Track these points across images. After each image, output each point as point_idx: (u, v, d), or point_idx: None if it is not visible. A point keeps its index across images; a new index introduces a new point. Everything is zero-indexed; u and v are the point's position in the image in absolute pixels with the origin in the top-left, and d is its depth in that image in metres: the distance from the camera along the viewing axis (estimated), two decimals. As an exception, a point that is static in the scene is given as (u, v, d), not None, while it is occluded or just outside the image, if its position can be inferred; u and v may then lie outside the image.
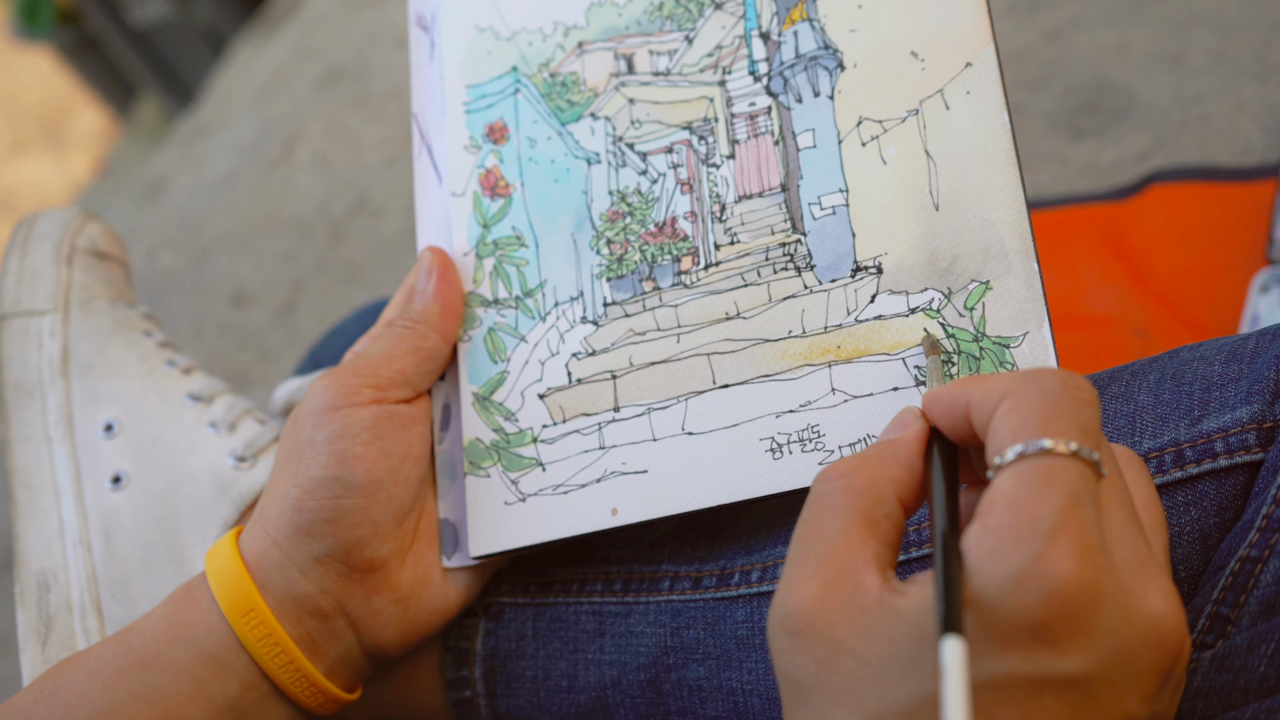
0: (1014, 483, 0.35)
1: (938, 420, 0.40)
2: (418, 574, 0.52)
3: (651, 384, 0.52)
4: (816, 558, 0.37)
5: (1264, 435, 0.44)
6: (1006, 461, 0.35)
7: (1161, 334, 0.85)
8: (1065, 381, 0.37)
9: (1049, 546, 0.33)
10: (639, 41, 0.56)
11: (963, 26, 0.51)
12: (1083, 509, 0.34)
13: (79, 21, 2.18)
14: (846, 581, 0.36)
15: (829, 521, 0.38)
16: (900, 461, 0.39)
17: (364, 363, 0.52)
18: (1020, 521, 0.34)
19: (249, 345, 1.27)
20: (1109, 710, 0.34)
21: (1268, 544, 0.42)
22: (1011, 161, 0.49)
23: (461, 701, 0.56)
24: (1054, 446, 0.35)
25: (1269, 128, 0.95)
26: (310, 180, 1.41)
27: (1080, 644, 0.33)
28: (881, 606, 0.35)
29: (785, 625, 0.36)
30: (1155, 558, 0.36)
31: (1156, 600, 0.34)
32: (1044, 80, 1.07)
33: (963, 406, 0.39)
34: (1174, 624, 0.35)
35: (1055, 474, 0.34)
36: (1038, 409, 0.36)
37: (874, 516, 0.38)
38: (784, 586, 0.37)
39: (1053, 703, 0.33)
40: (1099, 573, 0.33)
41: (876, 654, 0.35)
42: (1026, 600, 0.33)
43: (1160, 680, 0.35)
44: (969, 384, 0.39)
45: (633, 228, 0.54)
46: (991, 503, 0.35)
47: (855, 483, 0.38)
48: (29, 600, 0.55)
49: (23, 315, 0.60)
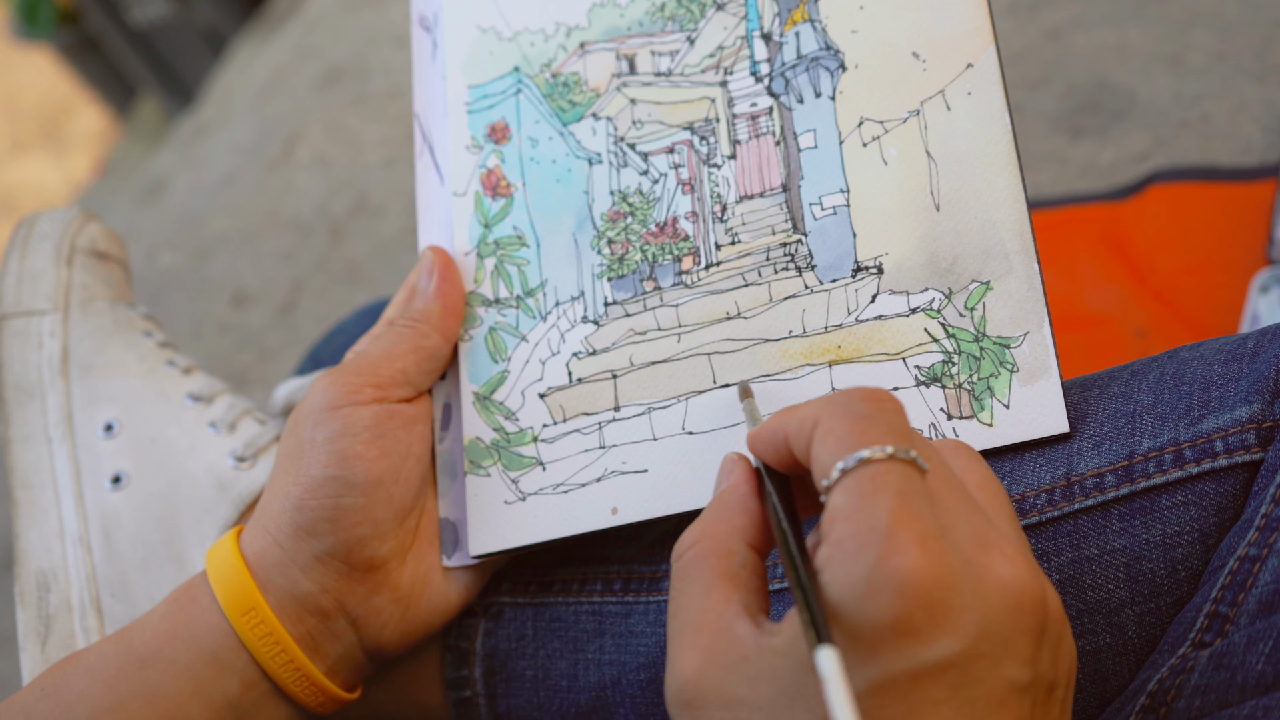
0: (844, 497, 0.36)
1: (764, 456, 0.42)
2: (418, 573, 0.52)
3: (652, 383, 0.52)
4: (690, 628, 0.38)
5: (1263, 435, 0.45)
6: (833, 480, 0.37)
7: (1161, 334, 0.85)
8: (869, 396, 0.39)
9: (889, 544, 0.34)
10: (641, 42, 0.56)
11: (964, 28, 0.51)
12: (912, 503, 0.35)
13: (79, 21, 2.18)
14: (722, 640, 0.38)
15: (692, 592, 0.39)
16: (737, 510, 0.41)
17: (365, 362, 0.52)
18: (858, 530, 0.35)
19: (249, 345, 1.27)
20: (989, 683, 0.35)
21: (1266, 543, 0.42)
22: (1012, 162, 0.49)
23: (461, 701, 0.56)
24: (871, 455, 0.36)
25: (1269, 128, 0.95)
26: (310, 180, 1.41)
27: (943, 628, 0.34)
28: (759, 650, 0.37)
29: (679, 699, 0.38)
30: (996, 528, 0.37)
31: (1002, 567, 0.36)
32: (1044, 80, 1.07)
33: (782, 439, 0.40)
34: (1025, 583, 0.36)
35: (879, 478, 0.36)
36: (849, 426, 0.38)
37: (731, 570, 0.39)
38: (669, 664, 0.39)
39: (933, 690, 0.34)
40: (942, 557, 0.35)
41: (765, 695, 0.36)
42: (881, 600, 0.34)
43: (1032, 641, 0.36)
44: (783, 416, 0.41)
45: (634, 228, 0.55)
46: (830, 521, 0.36)
47: (705, 546, 0.40)
48: (29, 600, 0.55)
49: (23, 315, 0.60)
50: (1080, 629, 0.45)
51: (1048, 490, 0.47)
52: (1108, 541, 0.45)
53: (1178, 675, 0.42)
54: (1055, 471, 0.47)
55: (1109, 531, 0.46)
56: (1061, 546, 0.46)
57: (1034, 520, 0.47)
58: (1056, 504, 0.46)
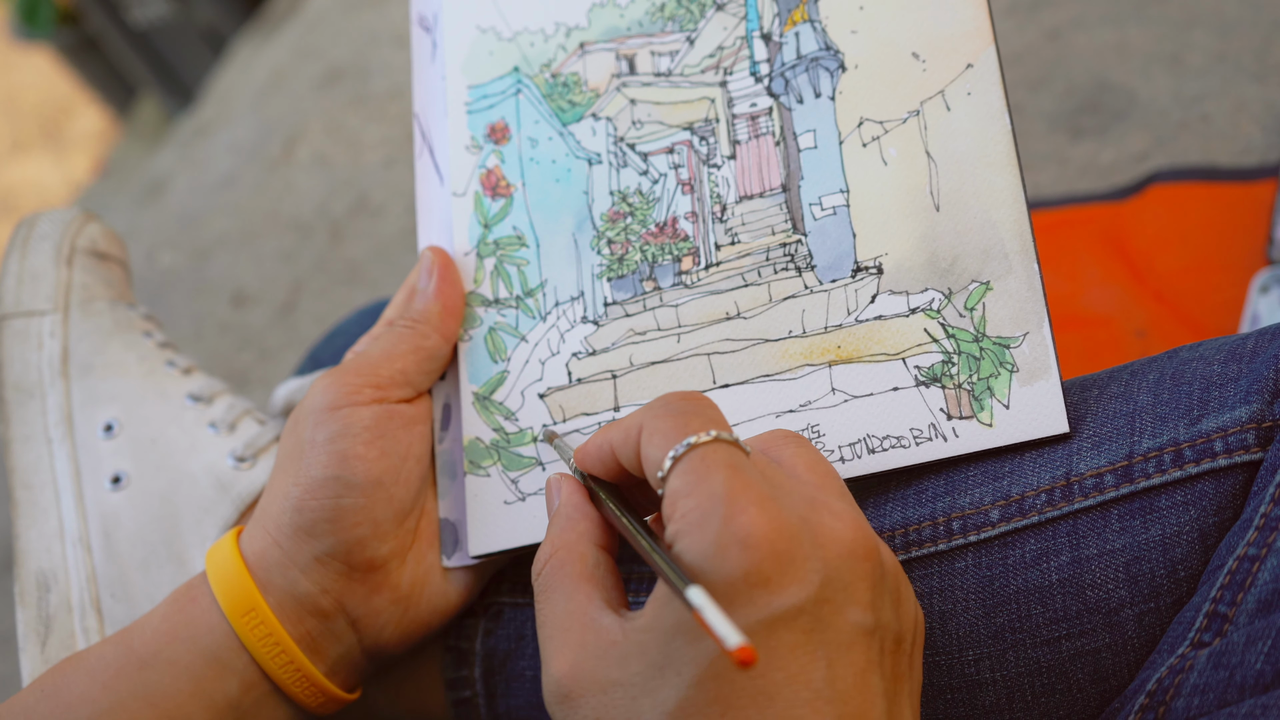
0: (681, 479, 0.39)
1: (594, 469, 0.45)
2: (418, 573, 0.52)
3: (652, 384, 0.52)
4: (558, 631, 0.41)
5: (1263, 435, 0.45)
6: (667, 470, 0.40)
7: (1161, 334, 0.85)
8: (685, 396, 0.42)
9: (730, 508, 0.37)
10: (640, 42, 0.56)
11: (964, 28, 0.51)
12: (745, 473, 0.39)
13: (79, 21, 2.18)
14: (589, 634, 0.40)
15: (555, 599, 0.42)
16: (578, 518, 0.44)
17: (365, 362, 0.52)
18: (700, 501, 0.38)
19: (249, 345, 1.27)
20: (837, 626, 0.37)
21: (1265, 542, 0.42)
22: (1012, 162, 0.49)
23: (461, 701, 0.56)
24: (697, 440, 0.40)
25: (1269, 128, 0.95)
26: (310, 180, 1.41)
27: (789, 576, 0.37)
28: (625, 633, 0.39)
29: (555, 695, 0.40)
30: (820, 496, 0.40)
31: (832, 522, 0.39)
32: (1044, 80, 1.07)
33: (609, 451, 0.44)
34: (857, 533, 0.39)
35: (709, 456, 0.39)
36: (671, 423, 0.41)
37: (587, 572, 0.42)
38: (544, 671, 0.41)
39: (789, 636, 0.37)
40: (780, 513, 0.38)
41: (636, 672, 0.39)
42: (730, 556, 0.37)
43: (870, 587, 0.39)
44: (607, 431, 0.44)
45: (633, 228, 0.55)
46: (672, 503, 0.39)
47: (560, 557, 0.43)
48: (29, 600, 0.55)
49: (23, 315, 0.60)
50: (1080, 629, 0.46)
51: (1047, 490, 0.47)
52: (1107, 541, 0.45)
53: (1177, 675, 0.42)
54: (1055, 471, 0.47)
55: (1108, 531, 0.46)
56: (1061, 546, 0.46)
57: (1034, 520, 0.47)
58: (1056, 504, 0.46)
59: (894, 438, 0.49)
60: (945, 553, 0.47)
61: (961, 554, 0.47)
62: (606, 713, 0.39)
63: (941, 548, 0.47)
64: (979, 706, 0.47)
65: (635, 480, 0.45)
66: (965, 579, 0.47)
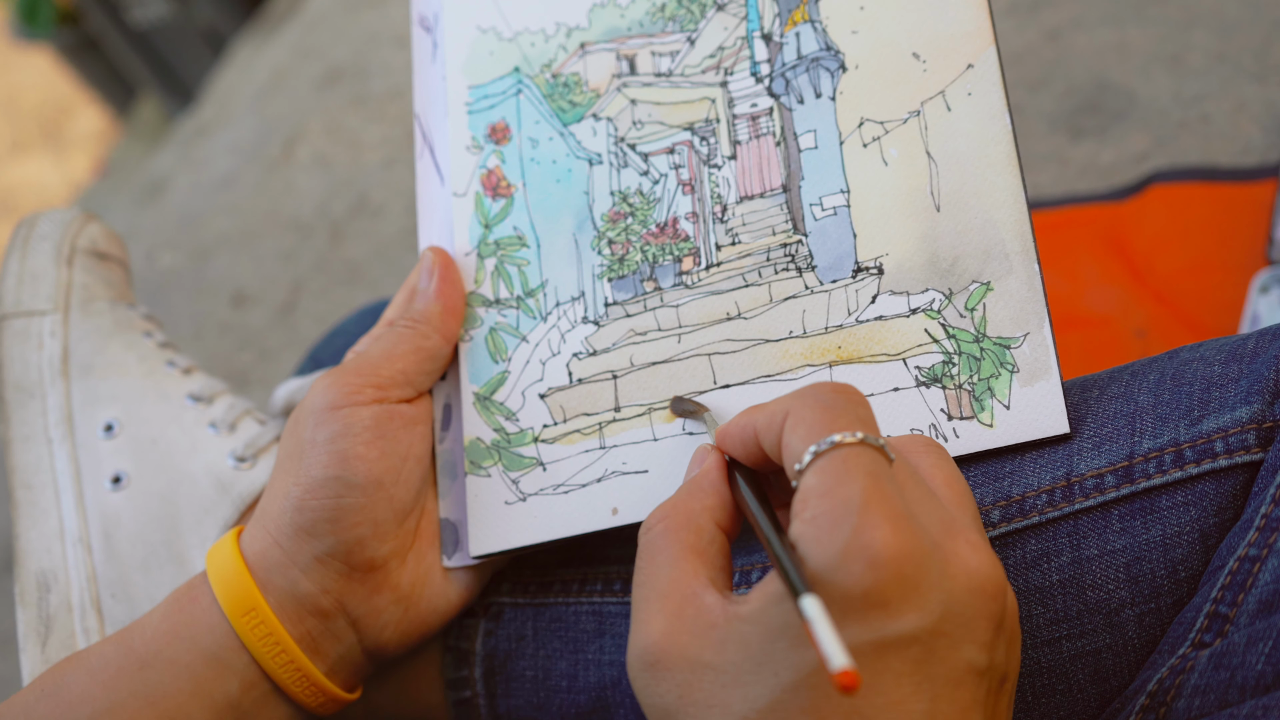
0: (818, 478, 0.38)
1: (733, 451, 0.44)
2: (418, 573, 0.52)
3: (652, 384, 0.52)
4: (657, 594, 0.40)
5: (1263, 435, 0.45)
6: (805, 464, 0.38)
7: (1161, 334, 0.85)
8: (837, 389, 0.40)
9: (863, 519, 0.36)
10: (641, 42, 0.56)
11: (964, 28, 0.51)
12: (884, 484, 0.37)
13: (79, 21, 2.17)
14: (689, 607, 0.39)
15: (660, 562, 0.40)
16: (709, 491, 0.43)
17: (365, 362, 0.52)
18: (833, 506, 0.36)
19: (249, 345, 1.27)
20: (950, 662, 0.36)
21: (1266, 543, 0.42)
22: (1012, 162, 0.49)
23: (461, 701, 0.56)
24: (843, 439, 0.38)
25: (1269, 128, 0.95)
26: (310, 180, 1.41)
27: (910, 602, 0.35)
28: (727, 618, 0.38)
29: (642, 660, 0.39)
30: (959, 522, 0.38)
31: (968, 553, 0.37)
32: (1044, 80, 1.07)
33: (751, 434, 0.42)
34: (990, 570, 0.37)
35: (851, 460, 0.37)
36: (819, 415, 0.39)
37: (699, 546, 0.41)
38: (634, 629, 0.40)
39: (897, 663, 0.35)
40: (914, 535, 0.36)
41: (732, 660, 0.37)
42: (854, 570, 0.35)
43: (992, 628, 0.37)
44: (752, 413, 0.42)
45: (634, 228, 0.55)
46: (804, 500, 0.38)
47: (675, 521, 0.41)
48: (29, 600, 0.55)
49: (23, 315, 0.60)
50: (1080, 629, 0.45)
51: (1048, 490, 0.47)
52: (1108, 542, 0.45)
53: (1177, 675, 0.42)
54: (1055, 472, 0.47)
55: (1109, 532, 0.46)
56: (1061, 547, 0.46)
57: (1034, 520, 0.47)
58: (1056, 504, 0.46)
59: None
60: (946, 553, 0.47)
61: (962, 554, 0.47)
62: (691, 693, 0.38)
63: (942, 548, 0.47)
64: (979, 707, 0.47)
65: (772, 468, 0.44)
66: (966, 579, 0.47)
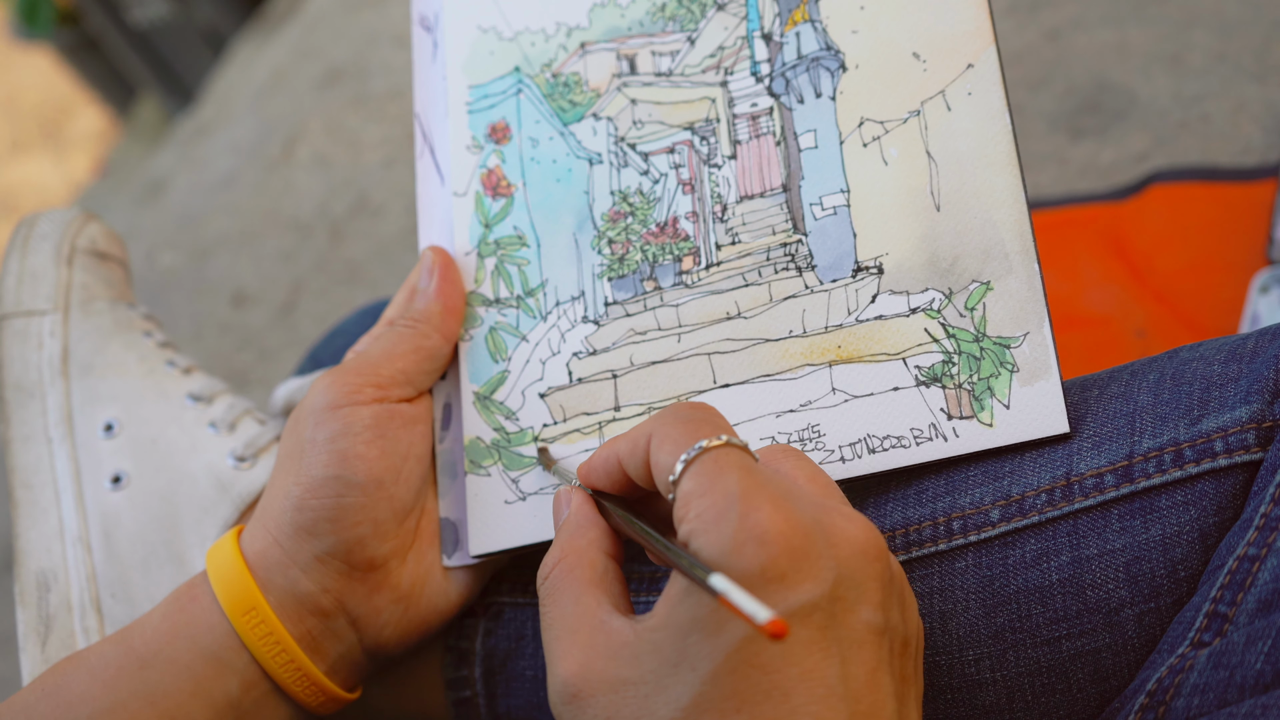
0: (694, 481, 0.39)
1: (599, 483, 0.45)
2: (418, 573, 0.52)
3: (652, 383, 0.52)
4: (566, 631, 0.41)
5: (1263, 435, 0.45)
6: (678, 474, 0.40)
7: (1161, 334, 0.85)
8: (692, 406, 0.43)
9: (745, 505, 0.38)
10: (641, 42, 0.56)
11: (964, 28, 0.51)
12: (757, 473, 0.39)
13: (79, 21, 2.17)
14: (599, 634, 0.40)
15: (563, 601, 0.42)
16: (587, 526, 0.45)
17: (365, 362, 0.52)
18: (714, 500, 0.38)
19: (249, 345, 1.27)
20: (849, 624, 0.38)
21: (1265, 542, 0.42)
22: (1012, 162, 0.49)
23: (461, 701, 0.56)
24: (709, 443, 0.40)
25: (1269, 128, 0.95)
26: (310, 180, 1.41)
27: (804, 572, 0.37)
28: (637, 634, 0.39)
29: (562, 696, 0.40)
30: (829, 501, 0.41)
31: (845, 523, 0.39)
32: (1044, 80, 1.07)
33: (615, 463, 0.44)
34: (869, 534, 0.39)
35: (722, 458, 0.39)
36: (681, 429, 0.41)
37: (596, 578, 0.42)
38: (550, 669, 0.41)
39: (803, 632, 0.37)
40: (795, 512, 0.38)
41: (650, 669, 0.38)
42: (747, 552, 0.37)
43: (881, 588, 0.39)
44: (612, 444, 0.44)
45: (634, 227, 0.55)
46: (685, 504, 0.39)
47: (569, 562, 0.43)
48: (29, 600, 0.55)
49: (23, 315, 0.60)
50: (1080, 629, 0.46)
51: (1047, 490, 0.47)
52: (1107, 541, 0.45)
53: (1177, 674, 0.42)
54: (1055, 471, 0.47)
55: (1109, 531, 0.46)
56: (1061, 546, 0.46)
57: (1034, 520, 0.47)
58: (1056, 504, 0.46)
59: (894, 438, 0.49)
60: (945, 553, 0.47)
61: (962, 554, 0.47)
62: (617, 711, 0.39)
63: (942, 548, 0.47)
64: (979, 706, 0.47)
65: (639, 495, 0.46)
66: (965, 579, 0.47)
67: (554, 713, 0.41)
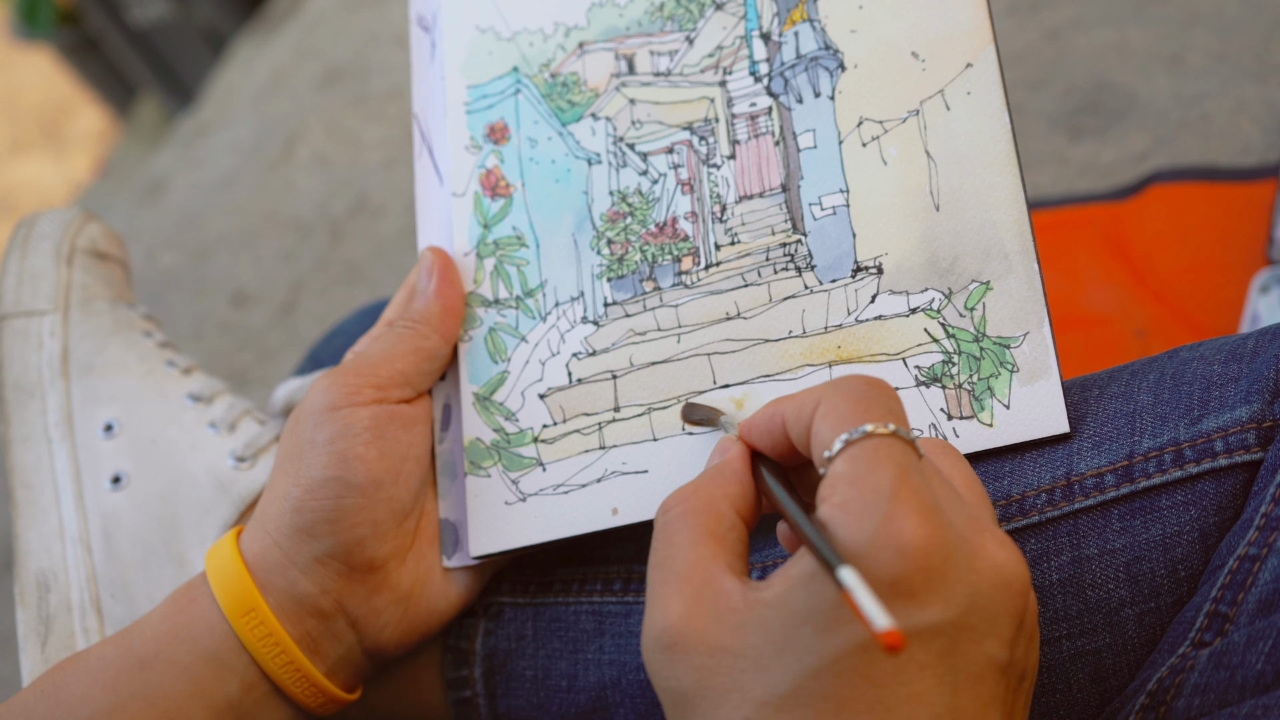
0: (848, 465, 0.37)
1: (758, 442, 0.43)
2: (418, 574, 0.52)
3: (652, 384, 0.52)
4: (675, 577, 0.39)
5: (1263, 435, 0.45)
6: (835, 452, 0.38)
7: (1161, 334, 0.85)
8: (870, 382, 0.40)
9: (893, 508, 0.36)
10: (640, 42, 0.56)
11: (963, 27, 0.51)
12: (913, 476, 0.37)
13: (79, 21, 2.17)
14: (708, 590, 0.38)
15: (678, 544, 0.40)
16: (731, 479, 0.42)
17: (364, 363, 0.52)
18: (862, 493, 0.36)
19: (249, 345, 1.27)
20: (972, 655, 0.36)
21: (1266, 542, 0.42)
22: (1012, 162, 0.49)
23: (461, 701, 0.56)
24: (875, 429, 0.38)
25: (1269, 128, 0.95)
26: (310, 180, 1.41)
27: (936, 593, 0.35)
28: (748, 602, 0.37)
29: (659, 643, 0.38)
30: (983, 518, 0.38)
31: (995, 548, 0.37)
32: (1044, 80, 1.07)
33: (779, 424, 0.42)
34: (1016, 566, 0.37)
35: (882, 449, 0.37)
36: (851, 405, 0.39)
37: (718, 531, 0.40)
38: (650, 611, 0.39)
39: (921, 654, 0.35)
40: (942, 527, 0.36)
41: (752, 645, 0.37)
42: (882, 558, 0.35)
43: (1014, 624, 0.37)
44: (781, 403, 0.42)
45: (633, 228, 0.55)
46: (832, 486, 0.37)
47: (694, 505, 0.41)
48: (29, 600, 0.55)
49: (23, 315, 0.60)
50: (1080, 629, 0.45)
51: (1048, 490, 0.47)
52: (1108, 541, 0.45)
53: (1177, 674, 0.42)
54: (1055, 471, 0.47)
55: (1109, 531, 0.46)
56: (1061, 546, 0.46)
57: (1034, 520, 0.47)
58: (1056, 504, 0.46)
59: (894, 438, 0.49)
60: (945, 553, 0.47)
61: (962, 554, 0.47)
62: (709, 677, 0.37)
63: (942, 548, 0.47)
64: (979, 706, 0.47)
65: (796, 462, 0.43)
66: (965, 579, 0.47)
67: (645, 655, 0.39)
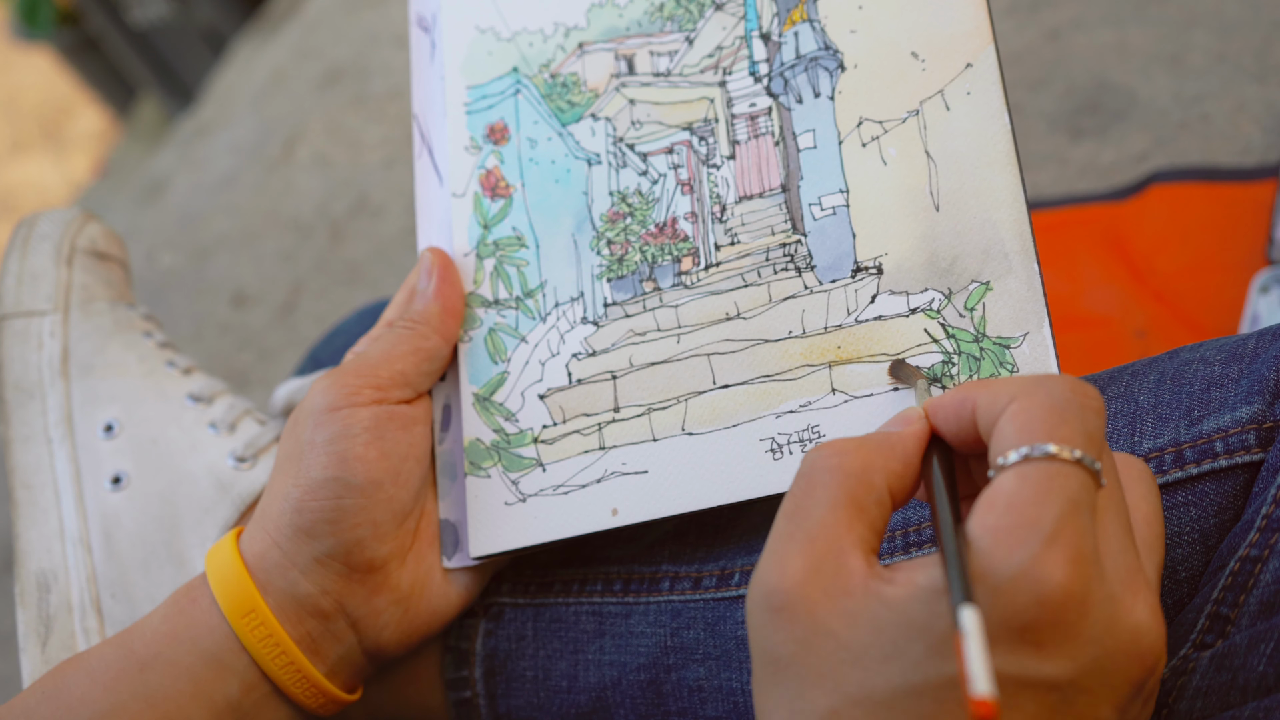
0: (1016, 484, 0.35)
1: (942, 425, 0.40)
2: (418, 574, 0.52)
3: (652, 384, 0.52)
4: (803, 535, 0.36)
5: (1264, 435, 0.44)
6: (1010, 463, 0.35)
7: (1161, 334, 0.85)
8: (1074, 388, 0.37)
9: (1045, 551, 0.33)
10: (639, 42, 0.56)
11: (963, 27, 0.51)
12: (1080, 517, 0.34)
13: (79, 21, 2.17)
14: (832, 562, 0.36)
15: (818, 499, 0.37)
16: (897, 453, 0.39)
17: (364, 363, 0.52)
18: (1020, 523, 0.34)
19: (249, 345, 1.27)
20: (1083, 717, 0.34)
21: (1267, 544, 0.42)
22: (1012, 162, 0.49)
23: (461, 702, 0.56)
24: (1058, 452, 0.35)
25: (1269, 128, 0.95)
26: (310, 180, 1.41)
27: (1064, 649, 0.34)
28: (866, 591, 0.35)
29: (768, 601, 0.36)
30: (1144, 572, 0.36)
31: (1141, 613, 0.35)
32: (1044, 80, 1.07)
33: (969, 410, 0.39)
34: (1154, 638, 0.35)
35: (1057, 479, 0.35)
36: (1045, 413, 0.36)
37: (864, 501, 0.37)
38: (768, 560, 0.37)
39: (1030, 705, 0.34)
40: (1089, 582, 0.34)
41: (859, 639, 0.35)
42: (1019, 600, 0.33)
43: (1133, 692, 0.35)
44: (976, 387, 0.39)
45: (633, 228, 0.55)
46: (992, 501, 0.35)
47: (848, 464, 0.38)
48: (29, 600, 0.55)
49: (23, 315, 0.60)
50: (1081, 630, 0.45)
51: (1048, 491, 0.47)
52: (1108, 542, 0.45)
53: (1179, 676, 0.42)
54: (1055, 472, 0.47)
55: (1109, 532, 0.45)
56: (1062, 547, 0.46)
57: (1034, 521, 0.46)
58: (1057, 504, 0.46)
59: (894, 438, 0.49)
60: (946, 553, 0.47)
61: (962, 554, 0.47)
62: (809, 654, 0.35)
63: (942, 548, 0.47)
64: (979, 707, 0.47)
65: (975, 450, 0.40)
66: (966, 580, 0.47)
67: (749, 605, 0.37)
